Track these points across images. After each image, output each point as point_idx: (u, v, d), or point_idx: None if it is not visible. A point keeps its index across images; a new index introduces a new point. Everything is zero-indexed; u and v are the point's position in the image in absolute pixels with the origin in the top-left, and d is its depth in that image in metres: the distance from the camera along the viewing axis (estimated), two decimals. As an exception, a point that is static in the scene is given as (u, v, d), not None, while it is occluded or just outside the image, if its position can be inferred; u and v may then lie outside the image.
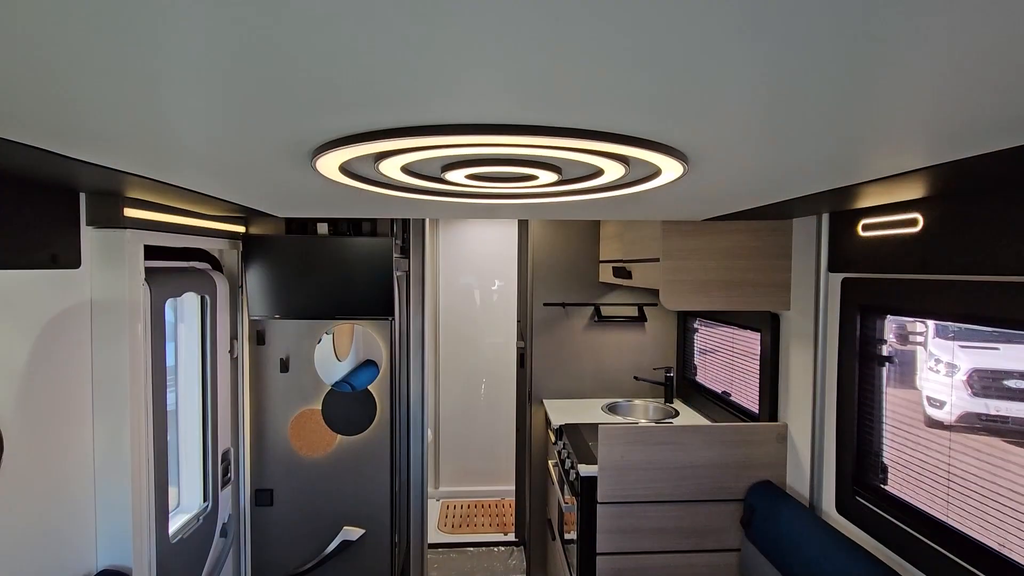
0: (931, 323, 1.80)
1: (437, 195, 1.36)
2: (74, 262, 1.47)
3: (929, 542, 1.49)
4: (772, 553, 2.00)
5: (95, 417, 1.54)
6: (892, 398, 1.75)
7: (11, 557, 1.29)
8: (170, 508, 1.87)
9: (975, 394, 1.82)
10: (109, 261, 1.52)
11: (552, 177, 1.11)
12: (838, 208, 1.78)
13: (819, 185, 1.30)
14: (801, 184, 1.30)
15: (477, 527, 3.92)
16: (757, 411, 2.44)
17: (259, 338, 2.31)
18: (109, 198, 1.51)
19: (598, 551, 2.24)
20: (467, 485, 4.43)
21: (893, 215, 1.61)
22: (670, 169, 1.02)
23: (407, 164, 1.00)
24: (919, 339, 1.75)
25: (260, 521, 2.33)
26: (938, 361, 1.84)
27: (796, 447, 2.16)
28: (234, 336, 2.27)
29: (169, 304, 1.99)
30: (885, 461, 1.74)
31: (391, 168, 1.02)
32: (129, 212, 1.55)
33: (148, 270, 1.71)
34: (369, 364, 2.40)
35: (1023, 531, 1.28)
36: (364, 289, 2.28)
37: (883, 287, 1.68)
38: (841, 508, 1.86)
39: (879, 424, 1.76)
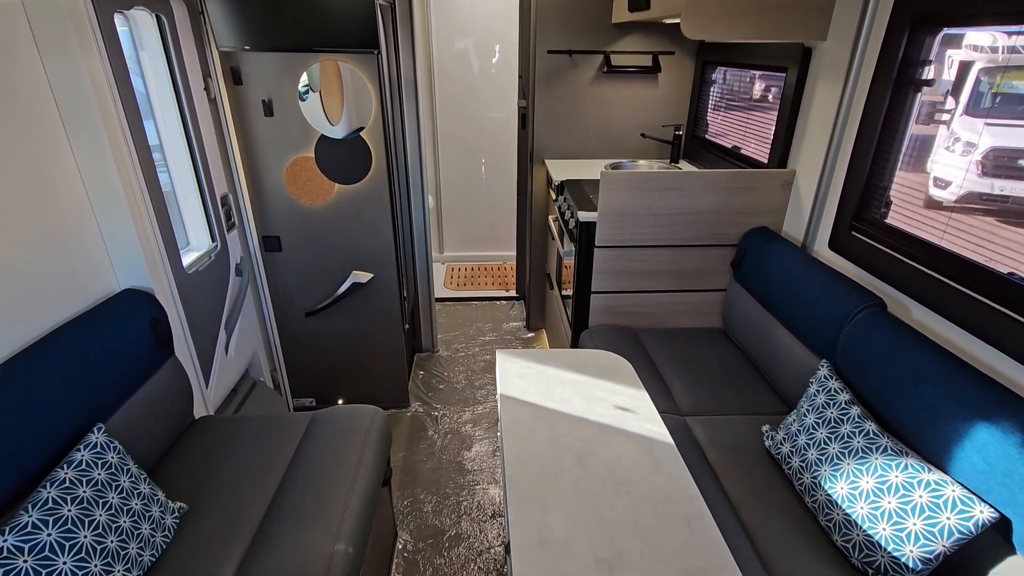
0: (964, 98, 1.64)
1: None
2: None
3: (918, 265, 1.53)
4: (755, 289, 2.11)
5: (72, 144, 1.46)
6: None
7: (33, 275, 1.34)
8: (180, 246, 1.92)
9: (984, 173, 1.75)
10: (24, -54, 1.28)
11: None
12: None
13: None
14: None
15: (480, 285, 4.19)
16: (767, 162, 2.35)
17: (235, 77, 2.11)
18: None
19: (593, 290, 2.38)
20: (470, 251, 4.62)
21: None
22: None
23: None
24: (945, 117, 1.61)
25: (272, 265, 2.44)
26: (957, 140, 1.72)
27: (800, 192, 2.13)
28: (207, 74, 2.07)
29: (125, 31, 1.76)
30: (891, 196, 1.71)
31: None
32: None
33: (82, -27, 1.46)
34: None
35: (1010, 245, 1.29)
36: (341, 14, 1.99)
37: (947, -10, 1.43)
38: (834, 244, 1.90)
39: (895, 156, 1.68)
